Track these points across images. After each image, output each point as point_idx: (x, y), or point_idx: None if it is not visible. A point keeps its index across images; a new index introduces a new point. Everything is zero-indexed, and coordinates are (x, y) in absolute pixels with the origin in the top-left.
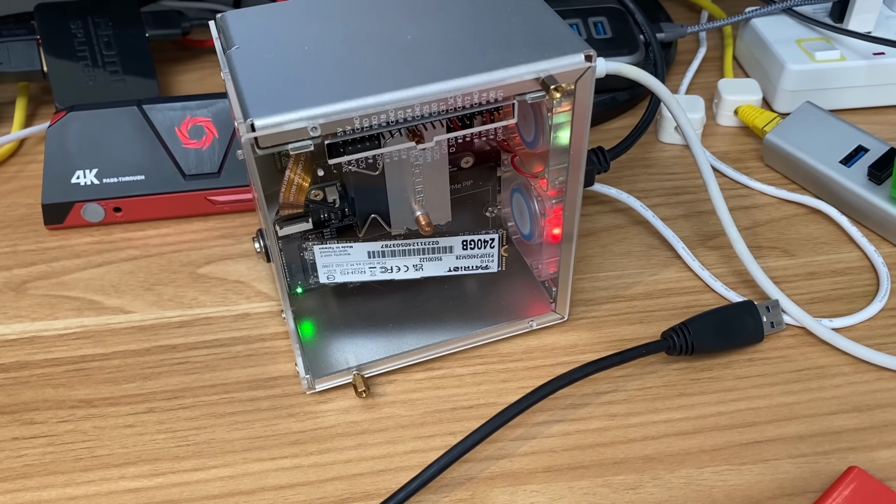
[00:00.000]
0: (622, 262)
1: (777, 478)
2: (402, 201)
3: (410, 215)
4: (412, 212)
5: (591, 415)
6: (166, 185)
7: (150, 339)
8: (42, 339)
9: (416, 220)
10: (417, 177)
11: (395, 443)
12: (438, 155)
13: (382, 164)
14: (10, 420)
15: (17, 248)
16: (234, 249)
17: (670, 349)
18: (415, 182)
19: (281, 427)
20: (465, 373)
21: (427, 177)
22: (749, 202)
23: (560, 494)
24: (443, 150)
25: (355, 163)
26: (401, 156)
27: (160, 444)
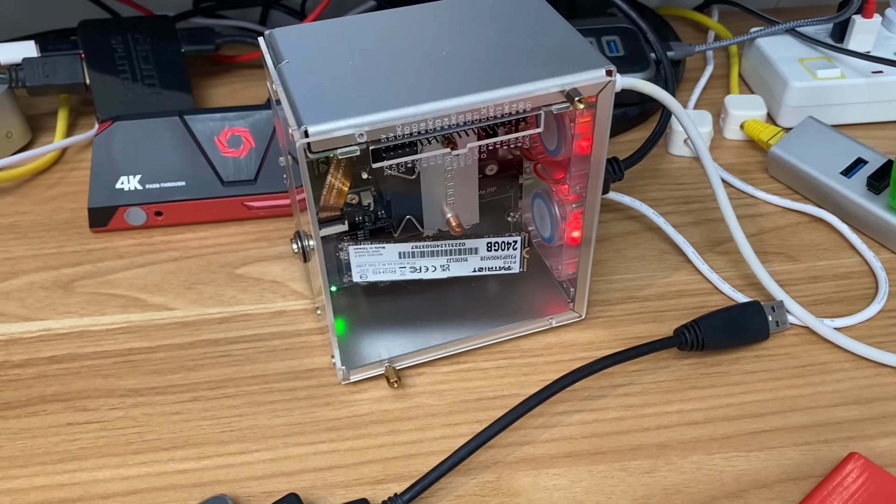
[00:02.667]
0: (635, 266)
1: (782, 463)
2: (435, 204)
3: (441, 217)
4: (443, 214)
5: (608, 405)
6: (205, 191)
7: (192, 334)
8: (91, 333)
9: (446, 221)
10: (449, 181)
11: (425, 429)
12: (469, 161)
13: (419, 169)
14: (64, 407)
15: (63, 250)
16: (270, 252)
17: (682, 345)
18: (447, 186)
19: (318, 414)
20: (488, 366)
21: (458, 181)
22: (755, 211)
23: (580, 477)
24: (473, 157)
25: (395, 167)
26: (436, 161)
27: (205, 429)
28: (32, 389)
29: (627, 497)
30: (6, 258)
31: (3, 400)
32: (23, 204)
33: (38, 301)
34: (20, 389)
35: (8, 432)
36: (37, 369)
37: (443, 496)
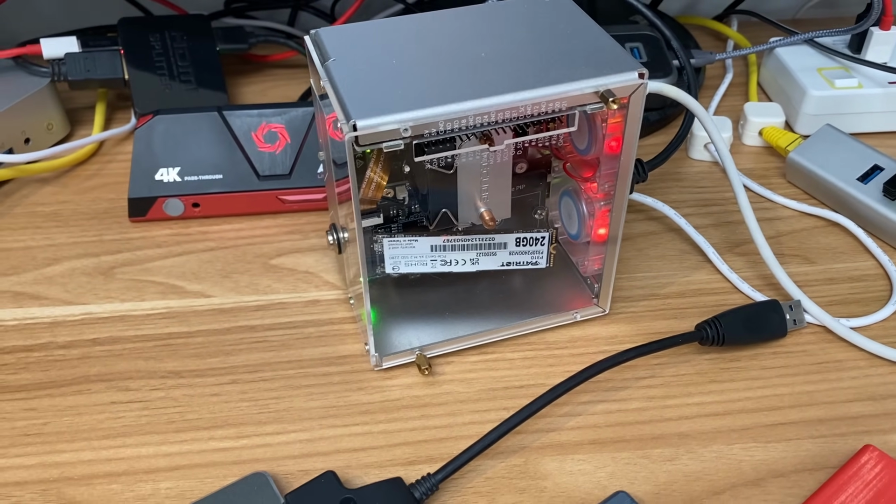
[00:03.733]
0: (657, 265)
1: (799, 454)
2: (469, 199)
3: (475, 211)
4: (477, 209)
5: (630, 396)
6: (242, 185)
7: (229, 321)
8: (131, 317)
9: (480, 215)
10: (484, 177)
11: (454, 415)
12: (504, 158)
13: (456, 164)
14: (107, 387)
15: (103, 238)
16: (303, 244)
17: (703, 340)
18: (482, 182)
19: (352, 399)
20: (515, 357)
21: (492, 177)
22: (772, 214)
23: (604, 463)
24: (508, 154)
25: (434, 162)
26: (473, 157)
27: (244, 410)
28: (77, 370)
29: (650, 483)
30: (48, 245)
31: (49, 379)
32: (63, 193)
33: (79, 286)
34: (65, 369)
35: (55, 409)
36: (80, 350)
37: (472, 478)
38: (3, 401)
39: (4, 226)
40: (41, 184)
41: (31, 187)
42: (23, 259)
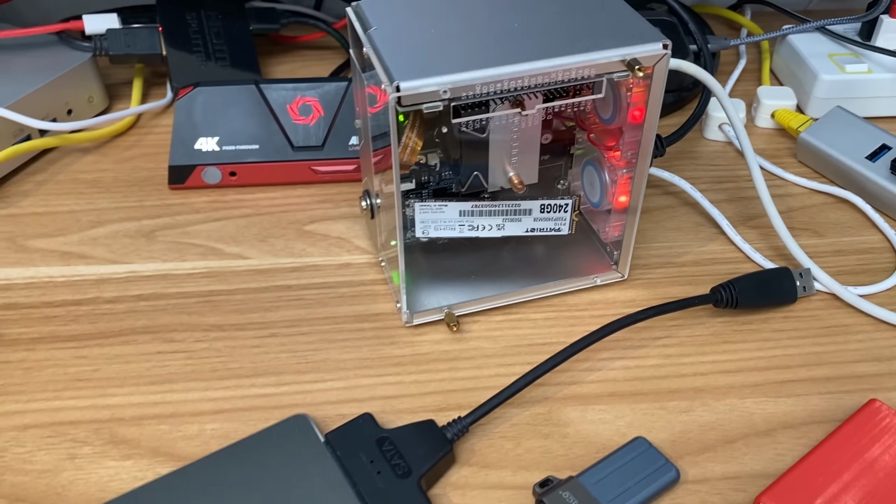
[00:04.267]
0: (673, 235)
1: (808, 408)
2: (500, 163)
3: (504, 176)
4: (506, 173)
5: (648, 354)
6: (277, 155)
7: (267, 280)
8: (173, 276)
9: (509, 179)
10: (514, 142)
11: (481, 368)
12: (534, 123)
13: (489, 129)
14: (153, 338)
15: (143, 203)
16: (335, 212)
17: (717, 302)
18: (512, 146)
19: (384, 352)
20: (538, 317)
21: (522, 142)
22: (783, 191)
23: (623, 413)
24: (538, 120)
25: (468, 125)
26: (505, 121)
27: (283, 361)
28: (123, 322)
29: (666, 431)
30: (91, 209)
31: (97, 330)
32: (104, 162)
33: (123, 247)
34: (112, 322)
35: (104, 357)
36: (126, 305)
37: (498, 424)
38: (56, 349)
39: (50, 191)
40: (82, 153)
41: (73, 156)
42: (68, 222)
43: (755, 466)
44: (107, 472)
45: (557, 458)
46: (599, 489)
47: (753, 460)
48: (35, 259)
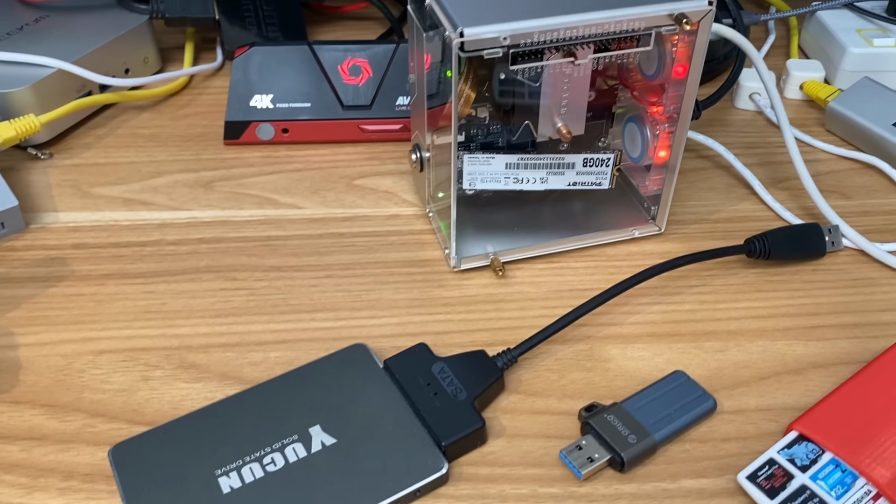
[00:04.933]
0: (706, 195)
1: (836, 351)
2: (549, 113)
3: (553, 126)
4: (555, 123)
5: (684, 300)
6: (328, 113)
7: (321, 228)
8: (232, 222)
9: (558, 130)
10: (564, 93)
11: (525, 310)
12: (584, 73)
13: (541, 79)
14: (216, 276)
15: (200, 157)
16: (382, 168)
17: (751, 252)
18: (562, 97)
19: (434, 294)
20: (578, 266)
21: (572, 92)
22: (812, 157)
23: (661, 352)
24: (588, 71)
25: (523, 73)
26: (557, 70)
27: (339, 299)
28: (187, 262)
29: (703, 368)
30: (150, 161)
31: (162, 268)
32: (160, 119)
33: (182, 196)
34: (177, 262)
35: (171, 293)
36: (189, 247)
37: (544, 358)
38: (124, 284)
39: (110, 144)
40: (139, 111)
41: (130, 113)
42: (129, 172)
43: (787, 400)
44: (179, 393)
45: (600, 388)
46: (641, 414)
47: (785, 395)
48: (100, 204)
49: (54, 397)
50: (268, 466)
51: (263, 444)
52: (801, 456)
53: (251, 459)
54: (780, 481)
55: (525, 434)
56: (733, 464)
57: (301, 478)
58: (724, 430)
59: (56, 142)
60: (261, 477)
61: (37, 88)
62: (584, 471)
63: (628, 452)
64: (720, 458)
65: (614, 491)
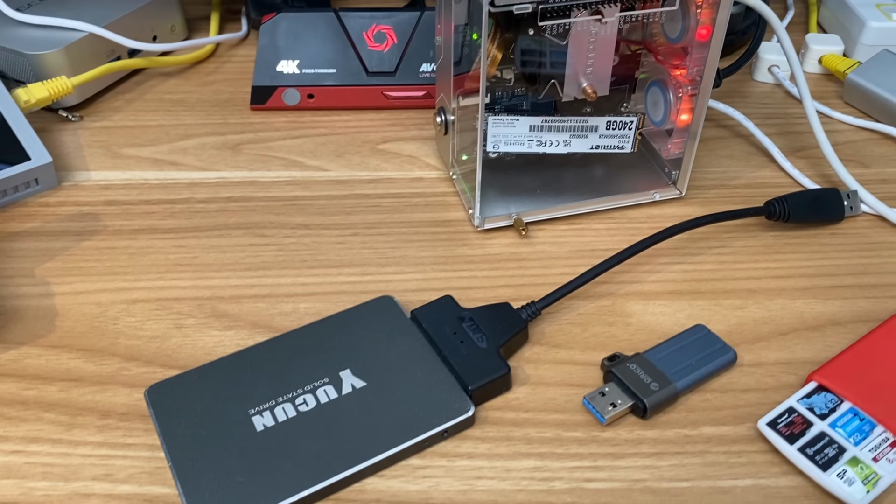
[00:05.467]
0: (726, 162)
1: (854, 309)
2: (575, 73)
3: (578, 87)
4: (580, 84)
5: (704, 260)
6: (352, 79)
7: (346, 189)
8: (260, 183)
9: (583, 90)
10: (590, 52)
11: (548, 268)
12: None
13: (568, 37)
14: (245, 232)
15: (227, 121)
16: (405, 134)
17: (770, 214)
18: (587, 56)
19: (458, 252)
20: (600, 227)
21: (597, 52)
22: (830, 128)
23: (682, 308)
24: (614, 30)
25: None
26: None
27: (365, 256)
28: (217, 219)
29: (723, 324)
30: (178, 124)
31: (193, 224)
32: (187, 85)
33: (211, 157)
34: (207, 218)
35: (202, 247)
36: (218, 205)
37: (566, 313)
38: (156, 239)
39: (138, 108)
40: (166, 77)
41: (158, 79)
42: (158, 134)
43: (806, 355)
44: (211, 340)
45: (622, 341)
46: (663, 363)
47: (804, 350)
48: (130, 164)
49: (90, 342)
50: (300, 406)
51: (295, 386)
52: (821, 405)
53: (284, 400)
54: (800, 428)
55: (548, 382)
56: (753, 413)
57: (332, 417)
58: (744, 382)
59: (86, 105)
60: (293, 416)
61: (69, 51)
62: (607, 416)
63: (651, 399)
64: (740, 407)
65: (636, 436)
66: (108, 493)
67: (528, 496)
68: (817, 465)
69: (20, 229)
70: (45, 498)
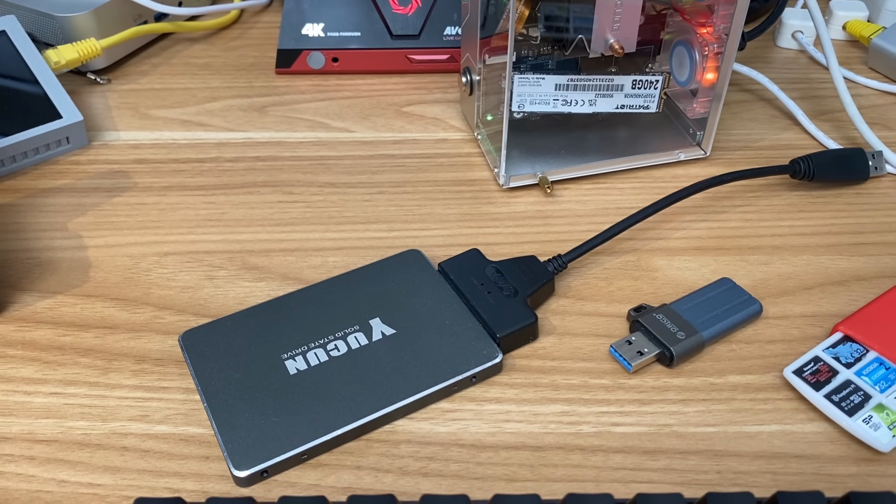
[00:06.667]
0: (750, 125)
1: (879, 265)
2: (602, 29)
3: (605, 43)
4: (607, 40)
5: (729, 218)
6: (377, 42)
7: (372, 150)
8: (287, 143)
9: (610, 46)
10: (618, 8)
11: (573, 224)
12: None
13: None
14: (273, 190)
15: (252, 84)
16: (429, 97)
17: (795, 173)
18: (615, 12)
19: (483, 210)
20: (625, 186)
21: (625, 8)
22: (855, 92)
23: (707, 263)
24: None
25: None
26: None
27: (392, 213)
28: (245, 177)
29: (748, 278)
30: (205, 87)
31: (222, 182)
32: (212, 50)
33: (238, 118)
34: (235, 177)
35: (230, 203)
36: (246, 164)
37: (591, 268)
38: (186, 195)
39: (165, 72)
40: (191, 42)
41: (183, 45)
42: (185, 97)
43: (831, 308)
44: (242, 291)
45: (647, 295)
46: (689, 314)
47: (829, 303)
48: (158, 125)
49: (123, 292)
50: (331, 352)
51: (327, 333)
52: (846, 354)
53: (315, 345)
54: (826, 376)
55: (575, 333)
56: (778, 363)
57: (363, 362)
58: (770, 333)
59: (114, 69)
60: (325, 361)
61: (97, 14)
62: (634, 363)
63: (677, 347)
64: (766, 357)
65: (662, 384)
66: (144, 432)
67: (555, 438)
68: (843, 410)
69: (52, 186)
70: (84, 437)
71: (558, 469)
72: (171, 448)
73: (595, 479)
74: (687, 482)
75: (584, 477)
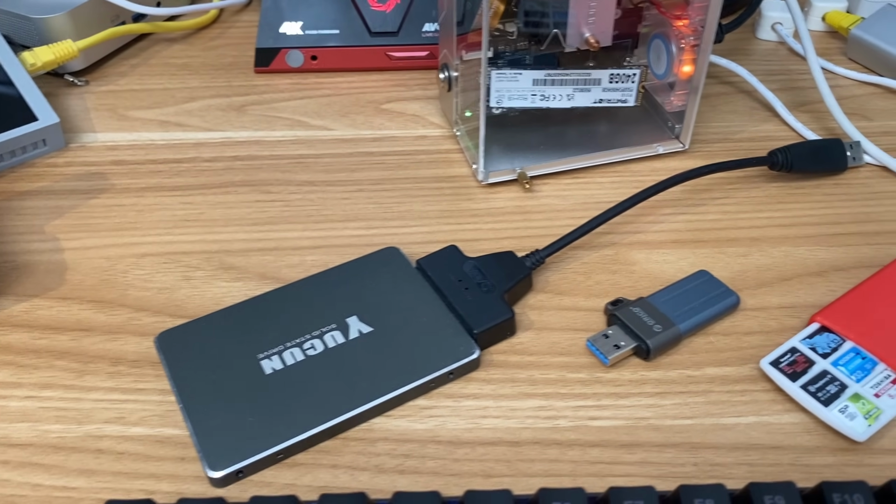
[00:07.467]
0: (729, 117)
1: (857, 256)
2: (577, 24)
3: (580, 37)
4: (582, 34)
5: (707, 210)
6: (355, 40)
7: (350, 147)
8: (265, 142)
9: (585, 40)
10: (593, 1)
11: (552, 220)
12: None
13: None
14: (251, 189)
15: (231, 84)
16: (408, 94)
17: (773, 164)
18: (590, 4)
19: (462, 206)
20: (604, 181)
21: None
22: (834, 83)
23: (685, 256)
24: None
25: None
26: None
27: (371, 210)
28: (223, 177)
29: (726, 270)
30: (184, 87)
31: (199, 182)
32: (191, 50)
33: (216, 118)
34: (213, 176)
35: (208, 203)
36: (224, 164)
37: (570, 262)
38: (163, 196)
39: (143, 72)
40: (170, 42)
41: (162, 45)
42: (163, 97)
43: (809, 299)
44: (219, 291)
45: (625, 288)
46: (666, 307)
47: (807, 294)
48: (136, 126)
49: (100, 294)
50: (308, 351)
51: (303, 332)
52: (823, 345)
53: (292, 345)
54: (802, 367)
55: (553, 327)
56: (756, 354)
57: (340, 360)
58: (747, 325)
59: (91, 70)
60: (301, 360)
61: (74, 15)
62: (611, 357)
63: (654, 340)
64: (743, 349)
65: (640, 377)
66: (120, 434)
67: (533, 433)
68: (819, 401)
69: (29, 188)
70: (60, 440)
71: (535, 464)
72: (147, 450)
73: (572, 473)
74: (663, 475)
75: (560, 471)
